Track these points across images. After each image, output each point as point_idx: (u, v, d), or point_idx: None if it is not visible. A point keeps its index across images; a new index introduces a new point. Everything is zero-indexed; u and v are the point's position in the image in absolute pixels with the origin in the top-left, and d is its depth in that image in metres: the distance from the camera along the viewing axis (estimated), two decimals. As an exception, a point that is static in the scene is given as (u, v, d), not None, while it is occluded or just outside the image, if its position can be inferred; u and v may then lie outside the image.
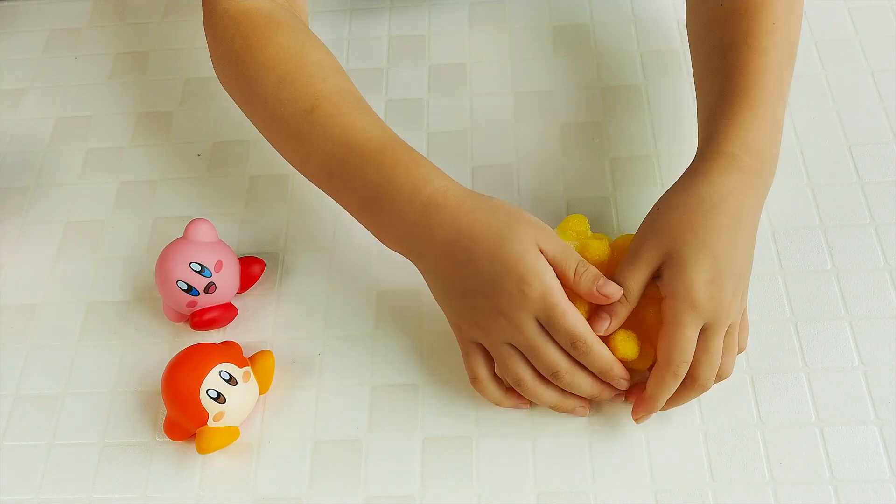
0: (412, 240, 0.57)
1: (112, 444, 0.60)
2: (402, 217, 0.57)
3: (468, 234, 0.55)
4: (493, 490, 0.56)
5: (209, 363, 0.57)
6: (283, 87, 0.62)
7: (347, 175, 0.59)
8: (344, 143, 0.59)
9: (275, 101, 0.62)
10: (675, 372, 0.54)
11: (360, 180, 0.59)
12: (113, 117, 0.78)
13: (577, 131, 0.72)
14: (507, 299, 0.53)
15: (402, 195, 0.57)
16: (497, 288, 0.54)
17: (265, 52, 0.63)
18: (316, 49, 0.64)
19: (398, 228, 0.58)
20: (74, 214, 0.72)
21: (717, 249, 0.53)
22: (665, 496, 0.55)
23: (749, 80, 0.58)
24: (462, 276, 0.55)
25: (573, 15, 0.80)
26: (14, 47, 0.84)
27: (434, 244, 0.56)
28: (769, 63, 0.59)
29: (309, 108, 0.61)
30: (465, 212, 0.55)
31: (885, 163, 0.68)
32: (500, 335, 0.55)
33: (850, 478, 0.55)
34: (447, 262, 0.56)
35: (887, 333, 0.60)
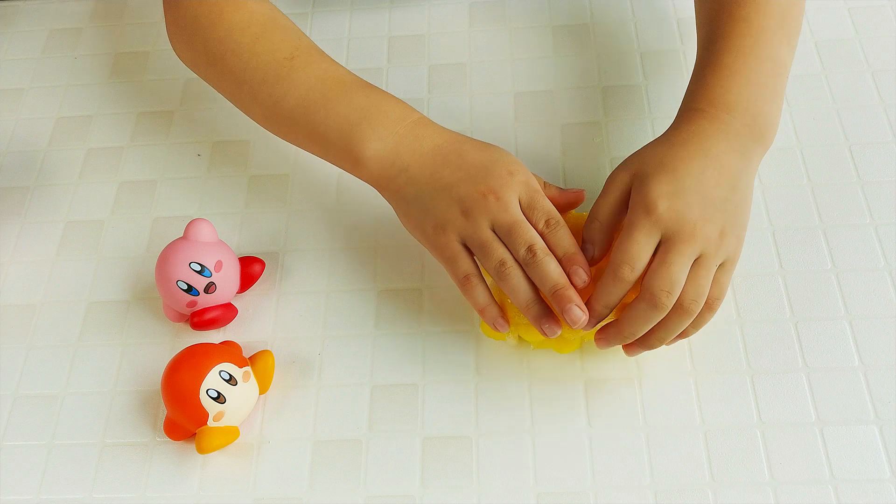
0: (399, 149, 0.60)
1: (112, 444, 0.60)
2: (392, 130, 0.61)
3: (459, 140, 0.60)
4: (493, 490, 0.56)
5: (209, 363, 0.57)
6: (260, 42, 0.65)
7: (331, 103, 0.62)
8: (328, 79, 0.63)
9: (250, 53, 0.64)
10: (616, 272, 0.54)
11: (348, 105, 0.62)
12: (113, 117, 0.78)
13: (577, 131, 0.72)
14: (497, 180, 0.57)
15: (391, 116, 0.61)
16: (488, 171, 0.58)
17: (238, 14, 0.66)
18: (284, 16, 0.68)
19: (386, 141, 0.60)
20: (74, 214, 0.72)
21: (679, 170, 0.55)
22: (665, 496, 0.55)
23: (724, 45, 0.61)
24: (450, 171, 0.59)
25: (573, 15, 0.80)
26: (14, 47, 0.84)
27: (422, 152, 0.60)
28: (749, 29, 0.61)
29: (289, 55, 0.64)
30: (452, 132, 0.62)
31: (885, 163, 0.68)
32: (486, 216, 0.57)
33: (850, 478, 0.55)
34: (435, 162, 0.59)
35: (887, 333, 0.60)
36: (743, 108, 0.58)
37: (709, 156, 0.56)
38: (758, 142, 0.59)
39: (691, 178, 0.55)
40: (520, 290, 0.56)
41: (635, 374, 0.60)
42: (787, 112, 0.71)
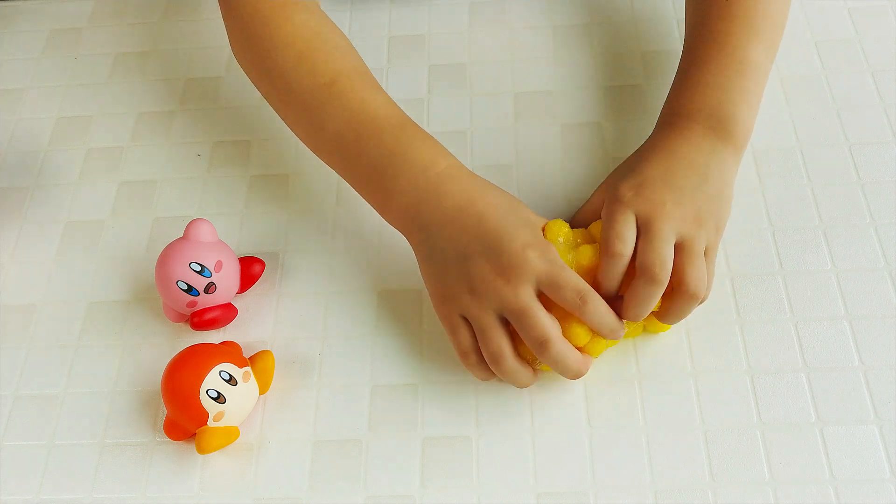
0: (420, 206, 0.58)
1: (112, 444, 0.60)
2: (414, 184, 0.59)
3: (481, 200, 0.58)
4: (493, 490, 0.56)
5: (209, 363, 0.57)
6: (302, 62, 0.64)
7: (363, 143, 0.61)
8: (363, 113, 0.61)
9: (293, 74, 0.64)
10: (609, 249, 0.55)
11: (377, 149, 0.60)
12: (113, 117, 0.78)
13: (577, 131, 0.72)
14: (510, 259, 0.55)
15: (417, 165, 0.59)
16: (502, 248, 0.55)
17: (284, 28, 0.65)
18: (333, 29, 0.67)
19: (408, 195, 0.59)
20: (74, 214, 0.72)
21: (644, 169, 0.58)
22: (665, 496, 0.55)
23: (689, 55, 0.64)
24: (467, 241, 0.56)
25: (573, 15, 0.80)
26: (14, 47, 0.84)
27: (442, 210, 0.58)
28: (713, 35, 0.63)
29: (328, 81, 0.62)
30: (477, 185, 0.59)
31: (885, 163, 0.68)
32: (492, 300, 0.55)
33: (850, 478, 0.55)
34: (453, 227, 0.57)
35: (887, 333, 0.60)
36: (706, 114, 0.60)
37: (673, 157, 0.59)
38: (727, 142, 0.60)
39: (654, 171, 0.58)
40: (518, 379, 0.57)
41: (635, 374, 0.60)
42: (787, 112, 0.71)
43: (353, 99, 0.62)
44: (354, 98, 0.62)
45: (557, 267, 0.55)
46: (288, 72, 0.64)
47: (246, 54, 0.68)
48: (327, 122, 0.62)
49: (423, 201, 0.58)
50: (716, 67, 0.62)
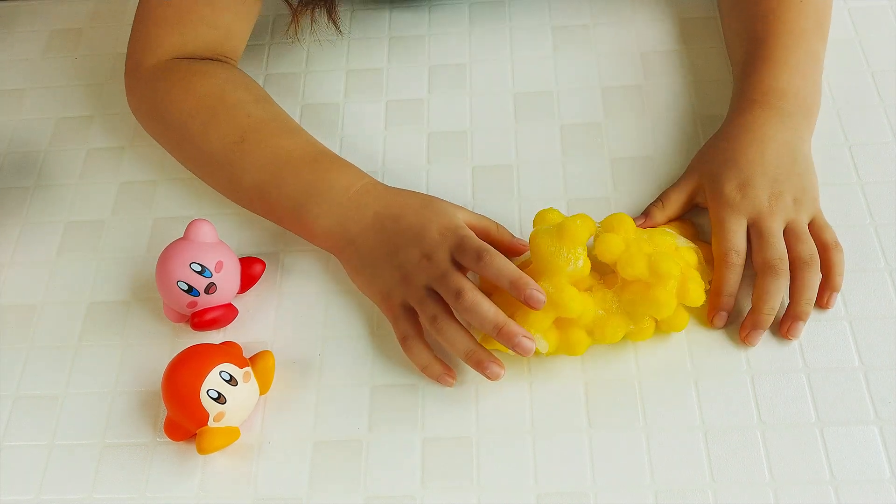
0: (344, 224, 0.63)
1: (112, 444, 0.60)
2: (336, 206, 0.63)
3: (396, 205, 0.63)
4: (493, 490, 0.56)
5: (209, 363, 0.57)
6: (209, 128, 0.67)
7: (281, 183, 0.65)
8: (277, 159, 0.66)
9: (202, 141, 0.68)
10: (725, 259, 0.60)
11: (294, 185, 0.64)
12: (113, 117, 0.78)
13: (577, 131, 0.72)
14: (429, 243, 0.60)
15: (336, 189, 0.64)
16: (421, 235, 0.61)
17: (187, 101, 0.69)
18: (235, 87, 0.70)
19: (331, 217, 0.63)
20: (74, 214, 0.72)
21: (741, 161, 0.63)
22: (665, 496, 0.55)
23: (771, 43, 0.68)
24: (389, 240, 0.62)
25: (573, 15, 0.80)
26: (14, 47, 0.84)
27: (364, 222, 0.63)
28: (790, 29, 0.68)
29: (238, 139, 0.66)
30: (392, 193, 0.64)
31: (885, 163, 0.68)
32: (422, 278, 0.59)
33: (850, 478, 0.55)
34: (375, 231, 0.62)
35: (887, 333, 0.60)
36: (792, 93, 0.66)
37: (765, 140, 0.64)
38: (807, 118, 0.66)
39: (754, 164, 0.63)
40: (456, 340, 0.58)
41: (635, 374, 0.60)
42: (787, 112, 0.71)
43: (265, 148, 0.66)
44: (266, 147, 0.66)
45: (462, 237, 0.59)
46: (196, 138, 0.68)
47: (154, 127, 0.72)
48: (243, 176, 0.66)
49: (347, 218, 0.63)
50: (797, 56, 0.67)
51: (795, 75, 0.66)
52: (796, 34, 0.68)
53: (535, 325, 0.57)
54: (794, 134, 0.65)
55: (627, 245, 0.58)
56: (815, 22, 0.69)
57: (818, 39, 0.69)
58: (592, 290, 0.59)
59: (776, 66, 0.67)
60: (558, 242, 0.57)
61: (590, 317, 0.58)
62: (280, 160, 0.65)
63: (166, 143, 0.72)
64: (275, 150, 0.66)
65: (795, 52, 0.67)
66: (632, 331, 0.59)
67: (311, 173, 0.65)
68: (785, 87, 0.66)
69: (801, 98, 0.66)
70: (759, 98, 0.66)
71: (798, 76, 0.66)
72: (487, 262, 0.58)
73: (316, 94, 0.77)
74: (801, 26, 0.68)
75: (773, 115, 0.65)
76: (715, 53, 0.76)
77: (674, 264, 0.57)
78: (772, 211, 0.61)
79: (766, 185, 0.62)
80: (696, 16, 0.79)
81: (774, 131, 0.64)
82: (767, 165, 0.63)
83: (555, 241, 0.58)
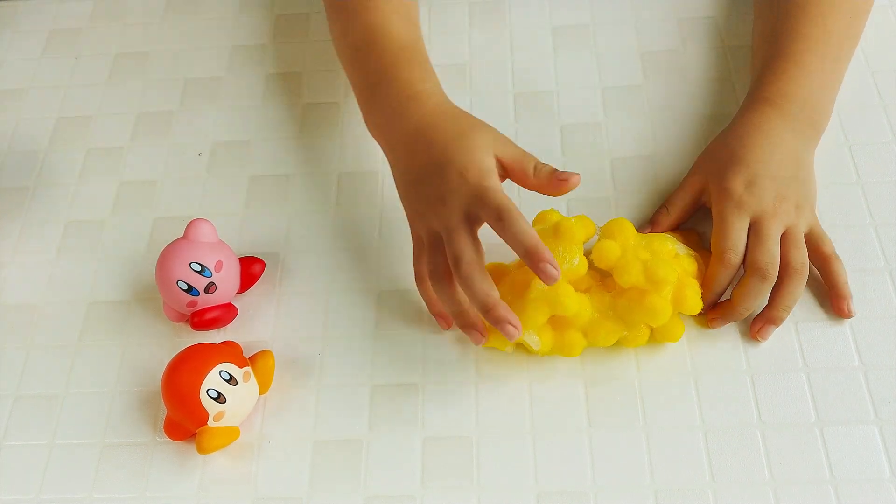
0: (389, 127, 0.63)
1: (112, 444, 0.60)
2: (388, 104, 0.63)
3: (433, 127, 0.60)
4: (493, 490, 0.56)
5: (209, 363, 0.57)
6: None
7: (367, 56, 0.65)
8: (377, 29, 0.66)
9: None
10: (722, 258, 0.59)
11: (375, 64, 0.65)
12: (113, 117, 0.78)
13: (577, 131, 0.72)
14: (447, 185, 0.57)
15: (396, 85, 0.63)
16: (442, 175, 0.58)
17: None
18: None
19: (382, 114, 0.63)
20: (74, 214, 0.72)
21: (748, 159, 0.62)
22: (665, 496, 0.55)
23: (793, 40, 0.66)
24: (417, 167, 0.60)
25: (573, 15, 0.80)
26: (14, 47, 0.84)
27: (403, 133, 0.61)
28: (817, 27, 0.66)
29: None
30: (438, 112, 0.62)
31: (885, 163, 0.68)
32: (434, 222, 0.58)
33: (850, 478, 0.55)
34: (408, 151, 0.61)
35: (887, 333, 0.60)
36: (804, 99, 0.64)
37: (774, 142, 0.62)
38: (815, 129, 0.65)
39: (761, 164, 0.61)
40: (449, 300, 0.58)
41: (635, 374, 0.60)
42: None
43: (378, 16, 0.66)
44: (379, 16, 0.66)
45: (484, 188, 0.56)
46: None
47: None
48: (351, 32, 0.67)
49: (393, 121, 0.62)
50: (819, 58, 0.65)
51: (813, 81, 0.65)
52: (825, 33, 0.66)
53: (530, 322, 0.57)
54: (802, 142, 0.64)
55: (624, 251, 0.58)
56: (847, 21, 0.67)
57: (848, 39, 0.67)
58: (591, 291, 0.59)
59: (795, 68, 0.65)
60: (555, 241, 0.57)
61: (585, 318, 0.58)
62: (380, 32, 0.66)
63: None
64: (385, 17, 0.66)
65: (818, 55, 0.65)
66: (625, 337, 0.59)
67: (391, 58, 0.64)
68: (800, 92, 0.64)
69: (813, 106, 0.65)
70: (774, 99, 0.64)
71: (816, 82, 0.65)
72: (507, 224, 0.54)
73: (316, 94, 0.77)
74: (829, 28, 0.66)
75: (784, 119, 0.63)
76: (715, 53, 0.76)
77: (670, 271, 0.57)
78: (775, 213, 0.60)
79: (772, 187, 0.61)
80: (696, 16, 0.79)
81: (784, 135, 0.63)
82: (774, 168, 0.62)
83: (551, 240, 0.58)
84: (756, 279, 0.59)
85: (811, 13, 0.66)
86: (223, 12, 0.84)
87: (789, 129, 0.63)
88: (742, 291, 0.59)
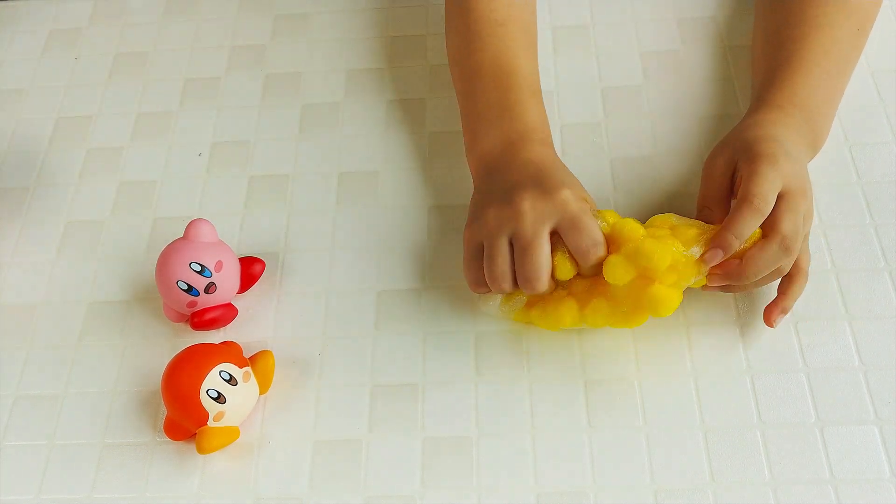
0: (501, 156, 0.63)
1: (112, 444, 0.60)
2: (506, 140, 0.63)
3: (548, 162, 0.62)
4: (493, 490, 0.56)
5: (209, 363, 0.57)
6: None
7: (496, 82, 0.66)
8: (508, 63, 0.66)
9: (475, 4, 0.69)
10: (751, 203, 0.55)
11: (499, 96, 0.65)
12: (113, 117, 0.78)
13: (577, 131, 0.72)
14: (542, 193, 0.58)
15: (519, 125, 0.64)
16: (541, 183, 0.59)
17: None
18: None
19: (497, 145, 0.64)
20: (74, 214, 0.72)
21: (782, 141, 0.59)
22: (665, 496, 0.55)
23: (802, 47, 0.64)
24: (520, 178, 0.60)
25: (573, 15, 0.80)
26: (14, 47, 0.84)
27: (514, 163, 0.62)
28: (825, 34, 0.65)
29: (501, 21, 0.68)
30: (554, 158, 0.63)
31: (885, 163, 0.68)
32: (508, 225, 0.58)
33: (850, 478, 0.55)
34: (514, 172, 0.61)
35: (887, 333, 0.60)
36: (810, 110, 0.63)
37: (789, 139, 0.60)
38: (817, 141, 0.63)
39: (793, 147, 0.59)
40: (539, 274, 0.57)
41: (635, 375, 0.60)
42: (787, 112, 0.71)
43: (509, 46, 0.67)
44: (510, 45, 0.67)
45: (584, 213, 0.57)
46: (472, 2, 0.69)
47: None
48: (479, 51, 0.67)
49: (504, 153, 0.63)
50: (827, 67, 0.64)
51: (819, 93, 0.63)
52: (832, 41, 0.64)
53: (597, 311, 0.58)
54: (805, 153, 0.62)
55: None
56: (855, 28, 0.66)
57: (854, 48, 0.66)
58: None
59: (803, 77, 0.63)
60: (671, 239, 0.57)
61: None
62: (509, 66, 0.66)
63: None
64: (513, 55, 0.67)
65: (824, 67, 0.64)
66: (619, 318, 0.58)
67: (516, 98, 0.65)
68: (807, 103, 0.63)
69: (817, 119, 0.63)
70: (782, 104, 0.62)
71: (821, 95, 0.63)
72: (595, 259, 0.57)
73: (316, 94, 0.77)
74: (836, 39, 0.65)
75: (790, 126, 0.61)
76: (715, 53, 0.76)
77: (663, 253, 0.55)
78: (804, 195, 0.57)
79: (802, 175, 0.58)
80: (696, 16, 0.79)
81: (795, 140, 0.61)
82: (800, 162, 0.59)
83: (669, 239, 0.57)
84: (778, 247, 0.56)
85: (820, 23, 0.65)
86: (223, 12, 0.84)
87: (797, 136, 0.61)
88: (758, 255, 0.56)
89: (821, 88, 0.63)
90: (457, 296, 0.63)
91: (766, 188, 0.56)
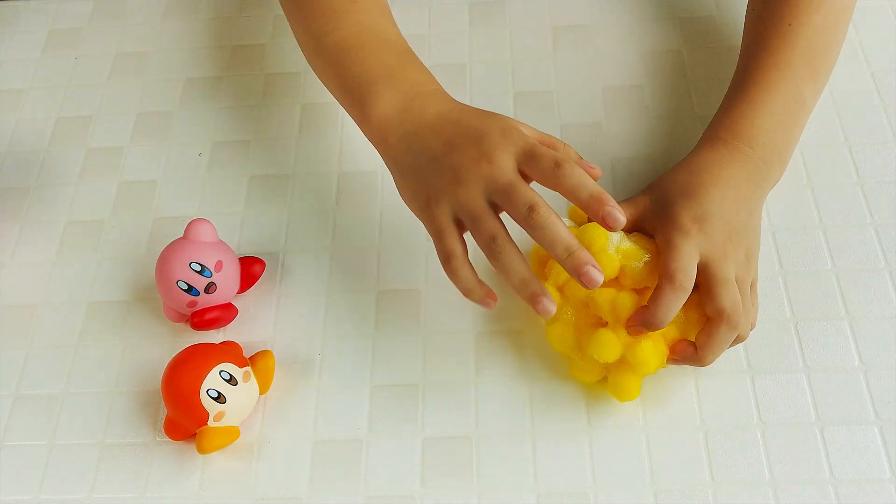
0: (403, 115, 0.60)
1: (112, 444, 0.60)
2: (401, 96, 0.61)
3: (460, 109, 0.60)
4: (493, 490, 0.56)
5: (209, 363, 0.57)
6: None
7: (362, 53, 0.63)
8: (372, 30, 0.65)
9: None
10: (673, 280, 0.54)
11: (374, 60, 0.63)
12: (113, 117, 0.78)
13: (577, 131, 0.72)
14: (489, 143, 0.55)
15: (408, 82, 0.61)
16: (480, 136, 0.56)
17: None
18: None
19: (393, 105, 0.61)
20: (74, 214, 0.72)
21: (701, 195, 0.57)
22: (665, 496, 0.55)
23: (752, 77, 0.63)
24: (445, 139, 0.57)
25: (573, 15, 0.80)
26: (14, 47, 0.84)
27: (423, 120, 0.59)
28: (775, 62, 0.63)
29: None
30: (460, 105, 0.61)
31: (885, 163, 0.68)
32: (479, 182, 0.54)
33: (850, 478, 0.55)
34: (432, 132, 0.58)
35: (887, 333, 0.60)
36: (762, 142, 0.61)
37: (728, 184, 0.58)
38: (770, 175, 0.61)
39: (713, 203, 0.57)
40: (512, 270, 0.53)
41: (635, 374, 0.60)
42: (787, 112, 0.71)
43: (369, 18, 0.65)
44: (371, 18, 0.65)
45: (532, 144, 0.55)
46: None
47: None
48: (335, 29, 0.64)
49: (408, 111, 0.60)
50: (777, 98, 0.62)
51: (771, 121, 0.61)
52: (781, 70, 0.62)
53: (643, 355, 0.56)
54: (755, 188, 0.60)
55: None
56: (806, 56, 0.63)
57: (806, 79, 0.63)
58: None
59: (752, 107, 0.61)
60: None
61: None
62: (374, 33, 0.64)
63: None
64: (376, 24, 0.65)
65: (777, 92, 0.62)
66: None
67: (395, 57, 0.63)
68: (757, 133, 0.61)
69: (769, 150, 0.61)
70: (728, 138, 0.61)
71: (774, 122, 0.61)
72: (567, 173, 0.53)
73: (316, 94, 0.77)
74: (788, 61, 0.62)
75: (737, 161, 0.60)
76: (715, 53, 0.76)
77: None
78: (727, 256, 0.56)
79: (723, 229, 0.56)
80: (696, 16, 0.79)
81: (737, 178, 0.59)
82: (726, 209, 0.57)
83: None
84: (725, 327, 0.54)
85: (770, 46, 0.63)
86: (223, 12, 0.84)
87: (745, 172, 0.59)
88: (709, 342, 0.55)
89: (773, 118, 0.61)
90: (457, 296, 0.63)
91: (685, 262, 0.54)
